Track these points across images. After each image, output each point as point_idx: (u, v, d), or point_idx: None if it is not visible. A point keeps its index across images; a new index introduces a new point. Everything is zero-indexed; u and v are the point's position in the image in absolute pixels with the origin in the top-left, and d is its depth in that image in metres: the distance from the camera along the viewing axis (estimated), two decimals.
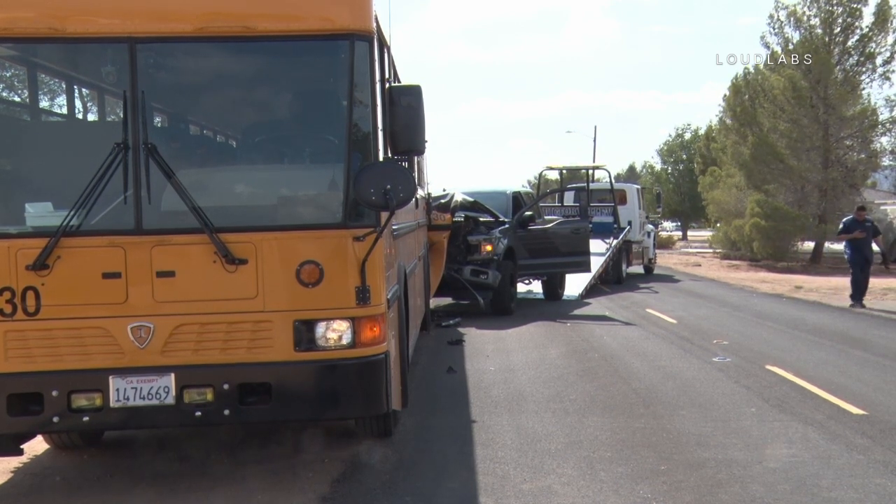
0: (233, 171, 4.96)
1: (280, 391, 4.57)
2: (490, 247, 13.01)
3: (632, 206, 20.52)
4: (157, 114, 5.07)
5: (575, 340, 10.56)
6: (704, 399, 7.14)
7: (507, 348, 9.99)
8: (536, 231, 14.32)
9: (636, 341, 10.44)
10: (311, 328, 4.58)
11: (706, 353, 9.48)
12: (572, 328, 11.69)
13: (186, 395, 4.53)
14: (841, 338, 10.60)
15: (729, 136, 29.27)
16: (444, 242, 11.98)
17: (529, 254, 13.99)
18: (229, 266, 4.52)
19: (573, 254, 14.44)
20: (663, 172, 49.61)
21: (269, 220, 4.69)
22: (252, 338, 4.56)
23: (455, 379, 8.19)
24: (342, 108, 4.67)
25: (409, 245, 7.65)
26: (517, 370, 8.56)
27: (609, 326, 11.89)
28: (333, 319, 4.59)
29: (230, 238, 4.51)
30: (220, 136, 5.45)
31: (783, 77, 26.04)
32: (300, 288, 4.56)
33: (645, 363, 8.89)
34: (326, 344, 4.60)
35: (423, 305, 10.21)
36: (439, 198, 12.65)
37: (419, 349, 9.45)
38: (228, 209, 4.69)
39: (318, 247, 4.60)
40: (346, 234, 4.60)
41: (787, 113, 26.25)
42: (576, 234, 14.56)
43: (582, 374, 8.32)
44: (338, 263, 4.60)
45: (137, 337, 4.50)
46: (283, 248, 4.59)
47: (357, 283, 4.60)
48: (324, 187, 4.88)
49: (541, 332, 11.29)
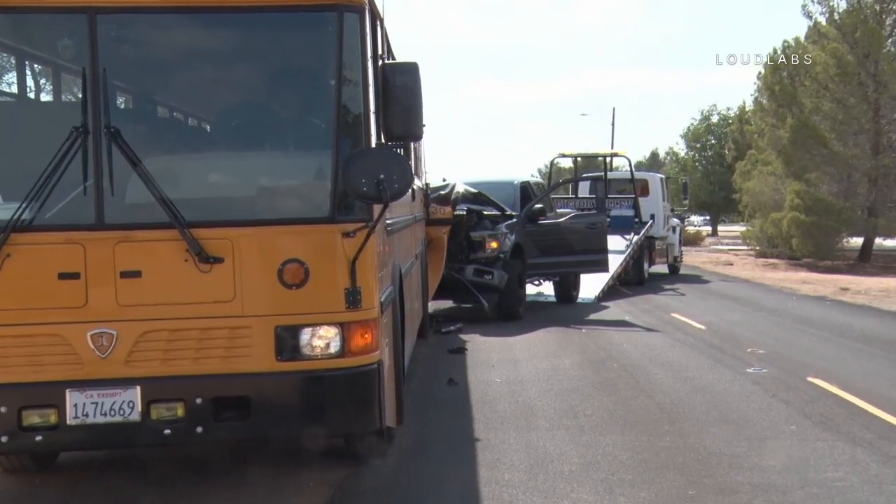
0: (206, 159, 4.97)
1: (260, 405, 4.59)
2: (495, 244, 13.04)
3: (655, 198, 20.54)
4: (121, 94, 5.09)
5: (591, 348, 10.58)
6: (737, 415, 7.15)
7: (515, 357, 10.02)
8: (548, 226, 14.35)
9: (660, 350, 10.46)
10: (295, 335, 4.60)
11: (739, 364, 9.50)
12: (588, 335, 11.72)
13: (154, 410, 4.54)
14: (894, 346, 10.61)
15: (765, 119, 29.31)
16: (444, 239, 12.06)
17: (540, 251, 14.02)
18: (203, 265, 4.54)
19: (589, 251, 14.46)
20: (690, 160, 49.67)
21: (248, 213, 4.70)
22: (228, 346, 4.58)
23: (456, 392, 8.21)
24: (329, 88, 4.68)
25: (404, 242, 7.66)
26: (526, 382, 8.59)
27: (629, 333, 11.90)
28: (320, 325, 4.61)
29: (204, 234, 4.53)
30: (192, 120, 5.46)
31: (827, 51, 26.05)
32: (283, 290, 4.57)
33: (670, 374, 8.91)
34: (312, 352, 4.62)
35: (421, 309, 10.26)
36: (439, 189, 12.68)
37: (416, 358, 9.45)
38: (202, 201, 4.70)
39: (303, 244, 4.61)
40: (335, 230, 4.61)
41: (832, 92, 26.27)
42: (592, 229, 14.59)
43: (599, 386, 8.34)
44: (325, 262, 4.61)
45: (98, 345, 4.52)
46: (263, 244, 4.60)
47: (346, 285, 4.62)
48: (309, 177, 4.90)
49: (552, 340, 11.32)
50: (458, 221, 12.81)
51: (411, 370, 8.72)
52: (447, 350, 10.46)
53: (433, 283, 11.84)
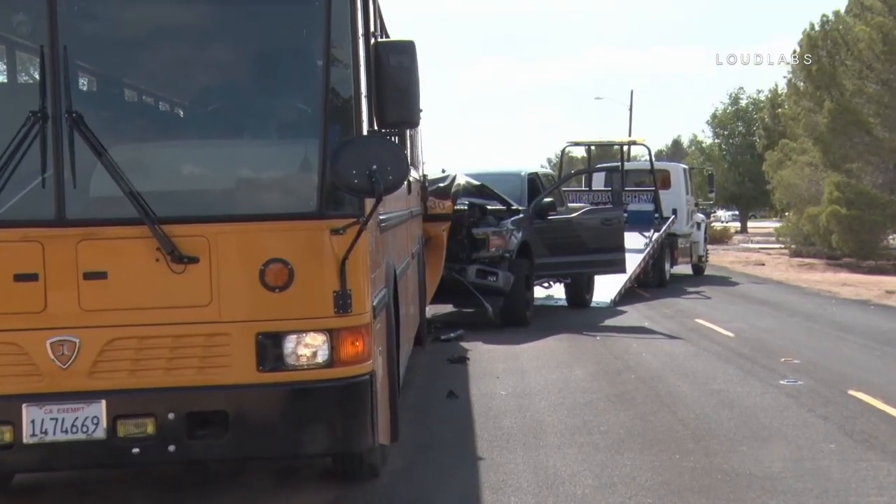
0: (180, 148, 4.98)
1: (239, 421, 4.60)
2: (500, 241, 13.08)
3: (677, 191, 20.57)
4: (84, 75, 5.10)
5: (606, 358, 10.60)
6: (770, 432, 7.17)
7: (522, 368, 10.05)
8: (558, 222, 14.36)
9: (683, 359, 10.48)
10: (279, 343, 4.62)
11: (772, 375, 9.52)
12: (603, 343, 11.73)
13: (121, 427, 4.54)
14: None
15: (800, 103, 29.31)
16: (443, 236, 12.12)
17: (549, 250, 14.05)
18: (176, 266, 4.55)
19: (604, 250, 14.48)
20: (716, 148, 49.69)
21: (226, 208, 4.72)
22: (204, 355, 4.59)
23: (457, 406, 8.23)
24: (316, 69, 4.69)
25: (400, 239, 7.68)
26: (534, 395, 8.61)
27: (649, 341, 11.93)
28: (306, 332, 4.62)
29: (177, 231, 4.53)
30: (164, 105, 5.49)
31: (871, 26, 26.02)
32: (265, 293, 4.59)
33: (694, 387, 8.92)
34: (297, 362, 4.64)
35: (418, 314, 10.30)
36: (437, 181, 12.70)
37: (413, 368, 9.48)
38: (174, 195, 4.72)
39: (287, 241, 4.62)
40: (322, 226, 4.63)
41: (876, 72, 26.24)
42: (607, 225, 14.62)
43: (615, 399, 8.36)
44: (311, 262, 4.63)
45: (59, 355, 4.51)
46: (243, 243, 4.62)
47: (335, 287, 4.63)
48: (294, 168, 4.91)
49: (564, 348, 11.34)
50: (459, 217, 12.86)
51: (407, 381, 8.73)
52: (447, 359, 10.49)
53: (431, 285, 11.86)
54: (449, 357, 10.59)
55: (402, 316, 7.04)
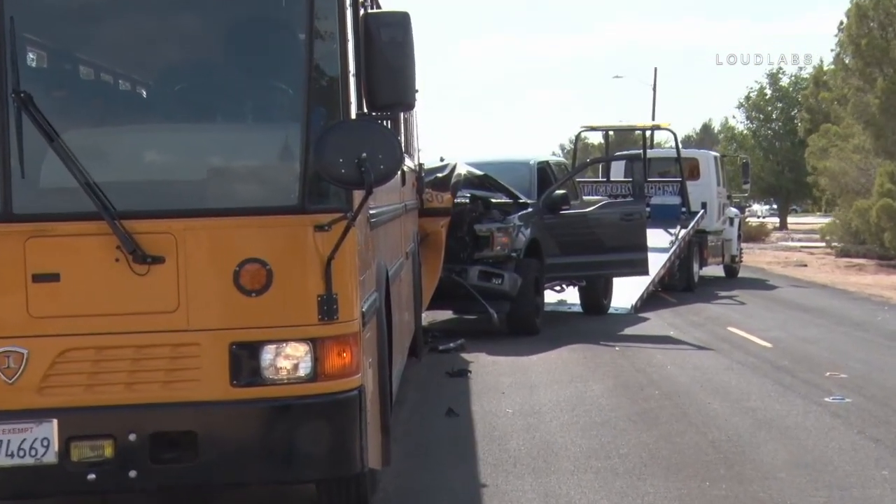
0: (143, 133, 4.98)
1: (210, 443, 4.60)
2: (506, 239, 13.09)
3: (707, 182, 20.57)
4: (34, 50, 5.08)
5: (626, 371, 10.62)
6: (814, 456, 7.18)
7: (531, 382, 10.07)
8: (572, 217, 14.38)
9: (713, 373, 10.49)
10: (255, 354, 4.63)
11: (815, 391, 9.53)
12: (622, 354, 11.75)
13: (75, 450, 4.53)
14: None
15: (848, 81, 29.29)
16: (441, 233, 12.11)
17: (562, 249, 14.06)
18: (138, 266, 4.55)
19: (624, 249, 14.45)
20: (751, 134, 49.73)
21: (196, 201, 4.73)
22: (170, 368, 4.60)
23: (458, 425, 8.24)
24: (298, 43, 4.70)
25: (392, 237, 7.72)
26: (545, 413, 8.62)
27: (675, 351, 11.94)
28: (286, 342, 4.64)
29: (140, 227, 4.54)
30: (125, 83, 5.46)
31: None
32: (239, 297, 4.60)
33: (726, 404, 8.93)
34: (276, 376, 4.65)
35: (413, 322, 10.33)
36: (435, 171, 12.71)
37: (407, 383, 9.48)
38: (137, 186, 4.72)
39: (265, 239, 4.64)
40: (305, 222, 4.64)
41: None
42: (627, 221, 14.60)
43: (636, 418, 8.38)
44: (292, 263, 4.65)
45: (4, 368, 4.51)
46: (214, 240, 4.63)
47: (320, 291, 4.65)
48: (273, 156, 4.93)
49: (578, 360, 11.35)
50: (460, 211, 12.90)
51: (401, 398, 8.76)
52: (446, 373, 10.51)
53: (428, 288, 11.89)
54: (448, 370, 10.60)
55: (395, 323, 7.07)
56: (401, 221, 8.71)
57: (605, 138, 23.76)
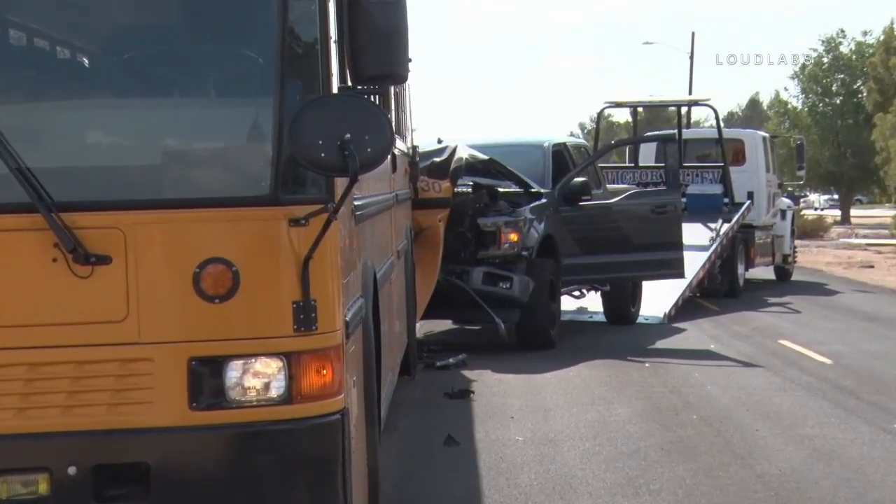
0: (86, 109, 4.99)
1: (165, 477, 4.57)
2: (516, 235, 13.13)
3: (754, 168, 20.61)
4: None
5: (658, 392, 10.65)
6: (882, 493, 7.20)
7: (545, 405, 10.09)
8: (594, 209, 14.41)
9: (762, 394, 10.51)
10: (219, 371, 4.62)
11: (883, 416, 9.55)
12: (654, 372, 11.78)
13: (3, 485, 4.50)
14: None
15: None
16: (439, 228, 12.18)
17: (581, 247, 14.11)
18: (80, 268, 4.53)
19: (655, 247, 14.48)
20: (806, 110, 49.68)
21: (149, 190, 4.73)
22: (118, 388, 4.58)
23: (458, 456, 8.25)
24: (269, 3, 4.68)
25: (381, 233, 7.72)
26: (561, 441, 8.65)
27: (716, 369, 11.93)
28: (256, 356, 4.63)
29: (82, 220, 4.51)
30: (65, 50, 5.39)
31: None
32: (200, 304, 4.59)
33: (777, 431, 8.96)
34: (244, 397, 4.64)
35: (406, 333, 10.33)
36: (432, 154, 12.73)
37: (399, 405, 9.45)
38: (79, 173, 4.74)
39: (231, 235, 4.64)
40: (278, 215, 4.64)
41: None
42: (659, 213, 14.64)
43: (670, 448, 8.41)
44: (263, 263, 4.65)
45: None
46: (170, 237, 4.63)
47: (295, 297, 4.65)
48: (239, 137, 4.94)
49: (601, 378, 11.36)
50: (461, 203, 12.90)
51: (391, 423, 8.68)
52: (444, 393, 10.54)
53: (424, 293, 11.91)
54: (447, 390, 10.61)
55: (384, 335, 7.08)
56: (391, 214, 8.66)
57: (633, 116, 23.68)
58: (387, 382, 7.53)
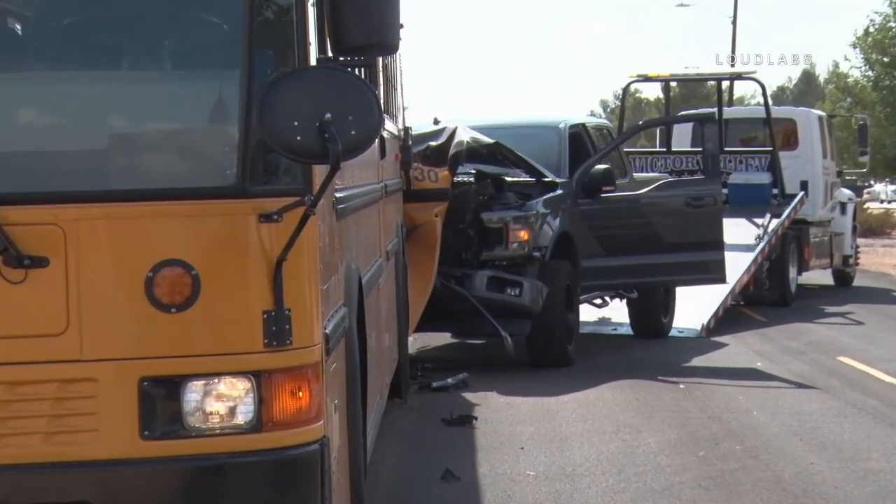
0: (18, 84, 4.99)
1: None
2: (526, 233, 13.13)
3: (808, 153, 20.60)
4: None
5: (695, 418, 10.64)
6: None
7: (561, 433, 10.11)
8: (618, 202, 14.46)
9: (818, 421, 10.49)
10: (176, 394, 4.64)
11: None
12: (689, 394, 11.79)
13: None
14: None
15: None
16: (435, 225, 12.22)
17: (604, 247, 14.13)
18: (12, 272, 4.54)
19: (691, 247, 14.45)
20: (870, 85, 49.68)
21: (93, 180, 4.75)
22: (57, 413, 4.59)
23: (459, 494, 8.25)
24: None
25: (368, 230, 7.76)
26: (580, 477, 8.64)
27: (763, 391, 11.94)
28: (219, 376, 4.65)
29: (14, 216, 4.52)
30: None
31: None
32: (154, 314, 4.61)
33: (837, 465, 8.92)
34: (205, 424, 4.66)
35: (396, 348, 10.37)
36: (427, 137, 12.79)
37: (388, 432, 9.49)
38: (10, 160, 4.76)
39: (190, 233, 4.67)
40: (245, 209, 4.66)
41: None
42: (696, 207, 14.61)
43: (709, 484, 8.39)
44: (228, 266, 4.68)
45: None
46: (119, 235, 4.64)
47: (266, 306, 4.67)
48: (200, 117, 4.98)
49: (627, 402, 11.39)
50: (462, 194, 12.93)
51: (379, 455, 8.70)
52: (442, 420, 10.55)
53: (417, 301, 11.98)
54: (445, 416, 10.61)
55: (371, 351, 7.10)
56: (379, 208, 8.70)
57: (666, 92, 23.66)
58: (374, 407, 7.55)
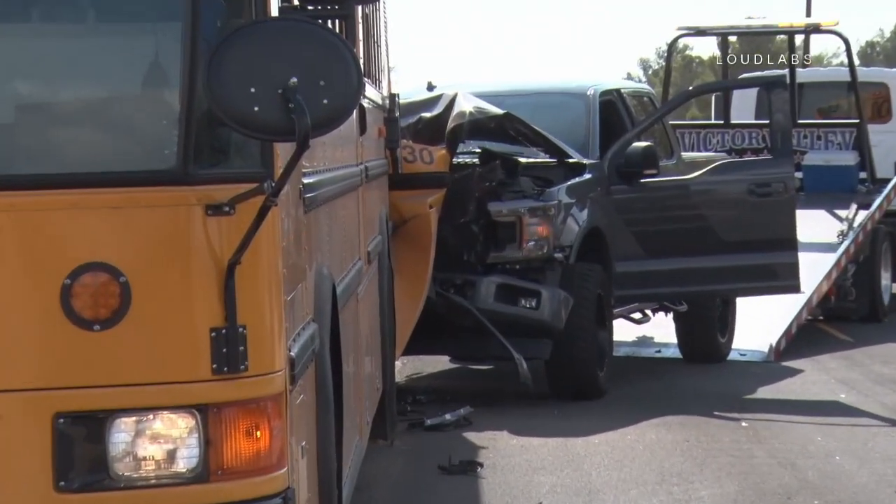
0: None
1: None
2: (545, 229, 13.12)
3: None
4: None
5: (762, 465, 10.71)
6: None
7: (590, 485, 10.17)
8: (662, 190, 14.60)
9: None
10: (99, 433, 4.70)
11: None
12: (754, 434, 11.87)
13: None
14: None
15: None
16: (430, 219, 12.41)
17: (644, 247, 14.26)
18: None
19: (756, 246, 14.52)
20: None
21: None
22: None
23: None
24: None
25: (344, 225, 7.93)
26: None
27: (848, 430, 12.03)
28: (155, 411, 4.73)
29: None
30: None
31: None
32: (72, 332, 4.66)
33: None
34: (137, 473, 4.73)
35: (381, 375, 10.44)
36: (419, 107, 12.90)
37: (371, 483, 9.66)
38: None
39: (117, 229, 4.74)
40: (189, 198, 4.73)
41: None
42: (762, 195, 14.68)
43: None
44: (166, 271, 4.74)
45: None
46: (28, 233, 4.73)
47: (215, 322, 4.74)
48: (130, 83, 5.03)
49: (673, 444, 11.47)
50: (463, 179, 13.06)
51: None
52: (438, 467, 10.60)
53: (407, 316, 12.17)
54: (443, 463, 10.62)
55: (347, 378, 7.23)
56: (358, 197, 8.88)
57: (723, 48, 23.81)
58: (352, 450, 7.71)
